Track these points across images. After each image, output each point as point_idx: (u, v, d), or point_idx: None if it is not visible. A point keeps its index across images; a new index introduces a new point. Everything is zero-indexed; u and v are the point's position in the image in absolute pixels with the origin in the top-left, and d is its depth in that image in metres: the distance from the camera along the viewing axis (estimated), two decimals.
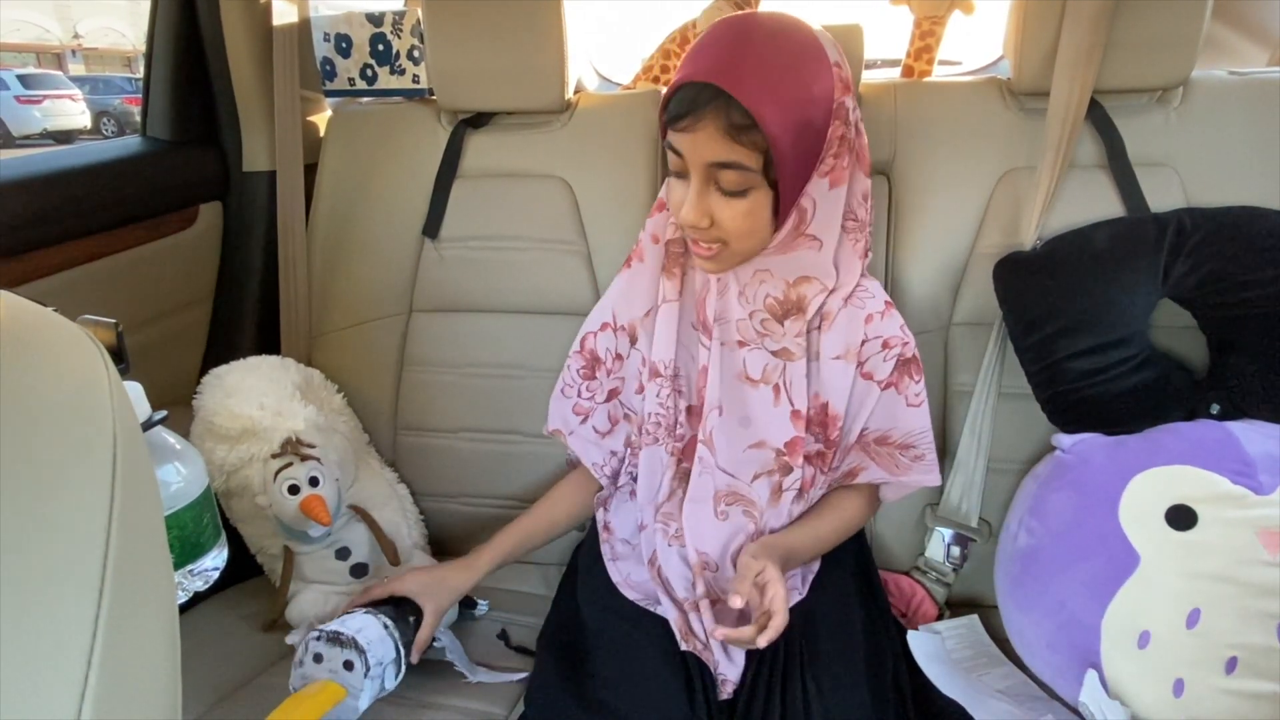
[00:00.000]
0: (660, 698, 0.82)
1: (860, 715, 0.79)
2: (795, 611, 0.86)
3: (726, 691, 0.84)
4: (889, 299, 0.90)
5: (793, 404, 0.87)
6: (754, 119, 0.72)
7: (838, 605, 0.89)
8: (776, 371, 0.87)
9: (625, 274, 0.96)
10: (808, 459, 0.89)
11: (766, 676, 0.83)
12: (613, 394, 0.97)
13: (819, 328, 0.87)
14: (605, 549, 0.98)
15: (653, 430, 0.92)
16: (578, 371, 0.98)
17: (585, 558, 1.00)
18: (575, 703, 0.83)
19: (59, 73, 13.75)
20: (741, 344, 0.88)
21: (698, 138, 0.74)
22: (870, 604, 0.93)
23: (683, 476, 0.91)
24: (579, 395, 0.97)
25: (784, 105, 0.73)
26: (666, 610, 0.89)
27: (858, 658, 0.84)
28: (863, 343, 0.88)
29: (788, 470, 0.88)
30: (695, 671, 0.84)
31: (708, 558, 0.89)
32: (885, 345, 0.88)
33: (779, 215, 0.80)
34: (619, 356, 0.94)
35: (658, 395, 0.91)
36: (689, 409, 0.90)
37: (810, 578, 0.92)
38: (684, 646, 0.86)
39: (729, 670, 0.84)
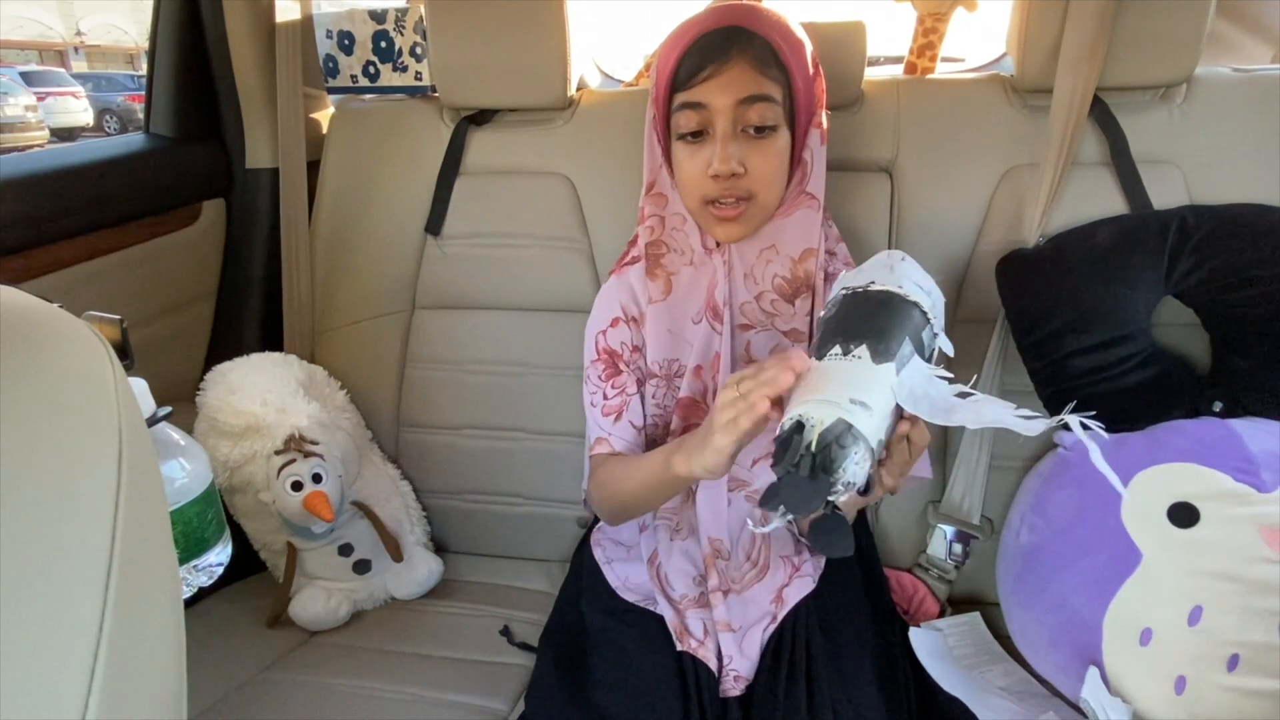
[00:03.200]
0: (655, 701, 0.82)
1: (873, 712, 0.80)
2: (807, 605, 0.87)
3: (738, 688, 0.84)
4: None
5: None
6: (776, 53, 0.79)
7: (848, 601, 0.89)
8: None
9: (629, 270, 0.96)
10: None
11: (786, 670, 0.83)
12: (641, 383, 0.94)
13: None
14: (598, 551, 0.98)
15: (651, 431, 0.92)
16: (600, 376, 0.94)
17: (587, 557, 1.00)
18: (572, 704, 0.83)
19: (61, 70, 13.75)
20: (746, 327, 0.89)
21: (726, 78, 0.78)
22: (876, 600, 0.93)
23: None
24: (605, 397, 0.93)
25: (793, 47, 0.81)
26: (664, 610, 0.89)
27: (868, 654, 0.84)
28: None
29: None
30: (691, 673, 0.84)
31: (720, 544, 0.89)
32: None
33: (791, 164, 0.85)
34: (636, 348, 0.94)
35: (654, 396, 0.91)
36: (678, 402, 0.90)
37: (819, 570, 0.91)
38: (679, 647, 0.86)
39: (741, 665, 0.84)
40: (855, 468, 0.58)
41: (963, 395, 0.62)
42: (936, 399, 0.62)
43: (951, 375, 0.64)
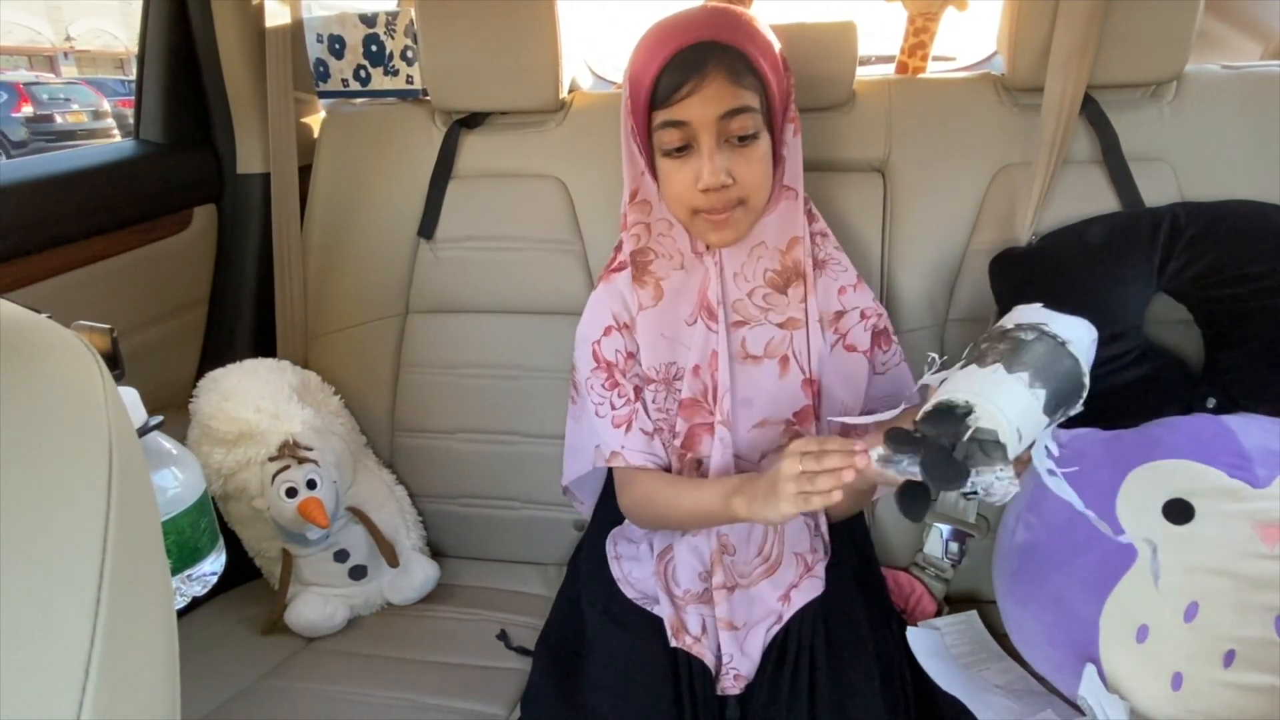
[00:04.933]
0: (648, 701, 0.82)
1: (872, 713, 0.80)
2: (814, 607, 0.87)
3: (738, 687, 0.84)
4: (859, 274, 0.93)
5: (804, 371, 0.89)
6: (750, 63, 0.79)
7: (847, 601, 0.89)
8: (784, 343, 0.89)
9: (617, 278, 0.95)
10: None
11: (790, 673, 0.83)
12: (638, 391, 0.94)
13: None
14: (609, 546, 0.98)
15: (655, 436, 0.92)
16: (603, 385, 0.93)
17: (586, 559, 1.00)
18: (566, 708, 0.83)
19: (50, 75, 13.69)
20: (740, 324, 0.89)
21: (706, 94, 0.78)
22: (874, 600, 0.93)
23: (691, 466, 0.91)
24: (613, 407, 0.93)
25: (764, 51, 0.81)
26: (663, 608, 0.89)
27: (869, 655, 0.84)
28: (840, 315, 0.91)
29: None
30: (685, 673, 0.84)
31: (727, 539, 0.89)
32: (863, 315, 0.91)
33: (773, 162, 0.86)
34: (630, 355, 0.94)
35: (654, 401, 0.91)
36: (680, 404, 0.91)
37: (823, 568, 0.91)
38: (673, 643, 0.86)
39: (742, 664, 0.84)
40: (997, 482, 0.64)
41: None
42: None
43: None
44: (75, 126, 9.73)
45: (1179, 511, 0.80)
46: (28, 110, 9.65)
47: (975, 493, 0.64)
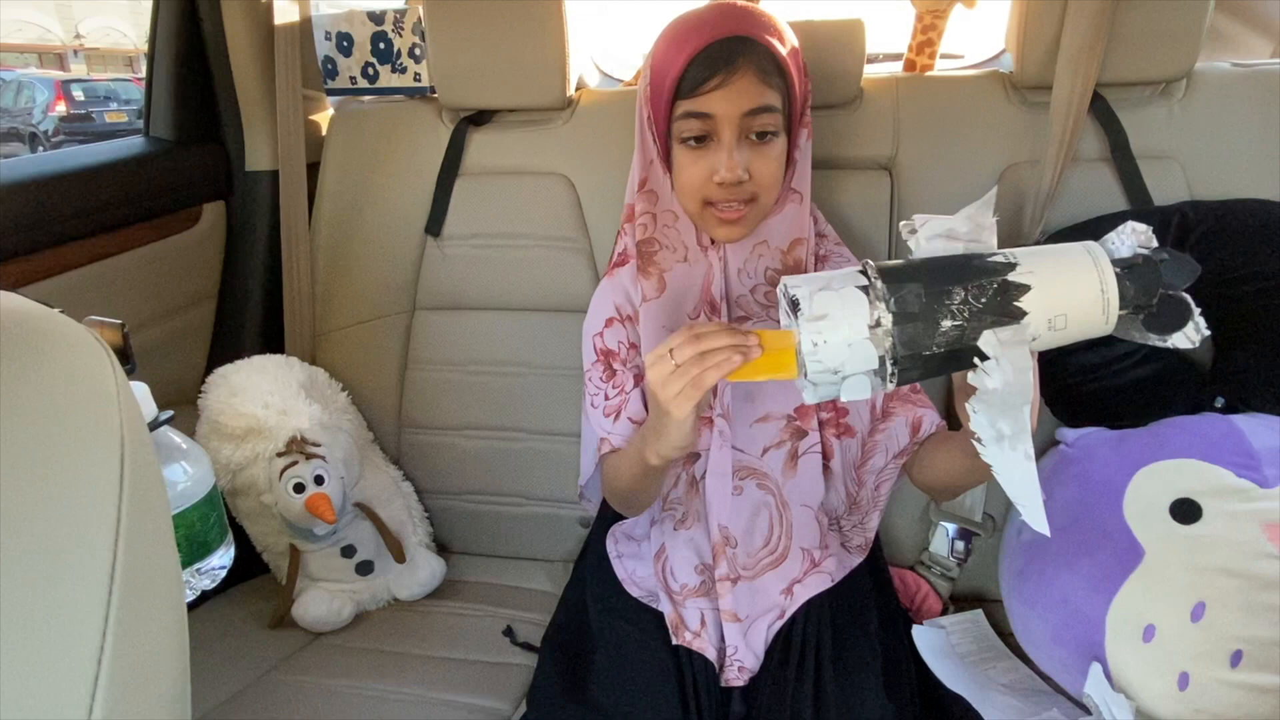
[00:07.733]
0: (654, 698, 0.82)
1: (877, 711, 0.80)
2: (821, 601, 0.87)
3: (742, 679, 0.84)
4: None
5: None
6: (779, 63, 0.80)
7: (855, 598, 0.89)
8: None
9: (621, 272, 0.95)
10: (823, 425, 0.90)
11: (795, 667, 0.83)
12: (637, 380, 0.93)
13: None
14: (610, 543, 0.98)
15: None
16: (600, 378, 0.93)
17: (591, 556, 1.00)
18: (573, 703, 0.84)
19: (60, 73, 13.75)
20: (743, 319, 0.89)
21: (733, 89, 0.79)
22: (881, 598, 0.93)
23: (689, 460, 0.91)
24: (606, 398, 0.93)
25: (790, 53, 0.82)
26: (664, 605, 0.89)
27: (875, 652, 0.84)
28: None
29: (801, 435, 0.89)
30: (688, 667, 0.84)
31: (728, 531, 0.89)
32: None
33: (786, 165, 0.86)
34: (633, 345, 0.94)
35: None
36: None
37: (842, 569, 0.91)
38: (675, 641, 0.86)
39: (745, 657, 0.85)
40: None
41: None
42: None
43: None
44: (115, 126, 9.22)
45: (1186, 511, 0.80)
46: (61, 109, 9.49)
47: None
